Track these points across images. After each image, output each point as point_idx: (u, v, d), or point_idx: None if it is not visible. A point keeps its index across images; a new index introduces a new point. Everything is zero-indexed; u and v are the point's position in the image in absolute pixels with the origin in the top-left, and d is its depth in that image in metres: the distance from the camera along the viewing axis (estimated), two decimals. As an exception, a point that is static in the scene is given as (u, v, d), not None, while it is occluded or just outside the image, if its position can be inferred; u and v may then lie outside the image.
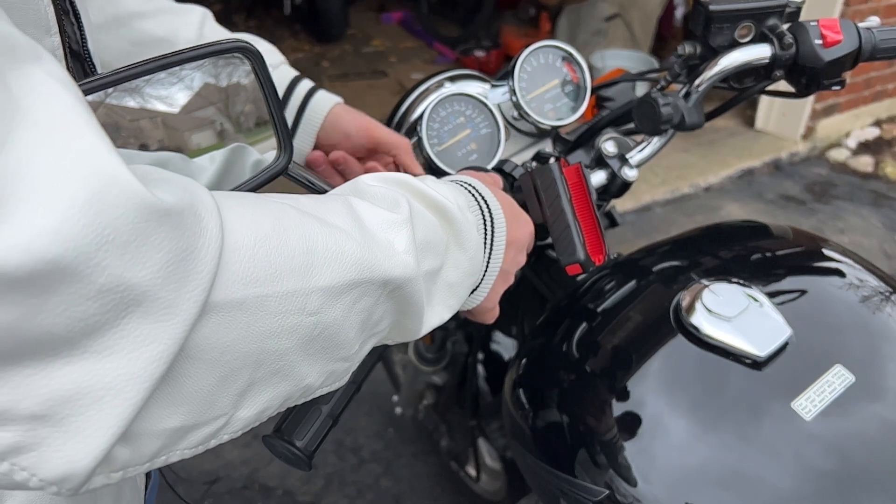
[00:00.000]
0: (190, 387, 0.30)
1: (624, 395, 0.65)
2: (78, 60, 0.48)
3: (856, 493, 0.55)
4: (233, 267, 0.30)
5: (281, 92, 0.79)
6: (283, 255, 0.32)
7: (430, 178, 0.51)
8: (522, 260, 0.60)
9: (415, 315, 0.44)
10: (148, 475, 0.63)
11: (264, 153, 0.49)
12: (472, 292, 0.54)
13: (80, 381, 0.25)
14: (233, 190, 0.46)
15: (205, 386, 0.31)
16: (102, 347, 0.25)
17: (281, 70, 0.80)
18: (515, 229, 0.57)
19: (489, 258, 0.54)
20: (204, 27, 0.76)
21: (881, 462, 0.57)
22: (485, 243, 0.53)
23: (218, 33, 0.77)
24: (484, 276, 0.54)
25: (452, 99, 0.87)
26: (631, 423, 0.63)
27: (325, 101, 0.81)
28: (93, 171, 0.23)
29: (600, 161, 0.80)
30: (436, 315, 0.47)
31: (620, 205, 2.68)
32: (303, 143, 0.82)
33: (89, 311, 0.24)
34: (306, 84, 0.81)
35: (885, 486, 0.55)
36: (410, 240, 0.41)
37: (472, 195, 0.54)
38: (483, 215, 0.53)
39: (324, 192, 0.66)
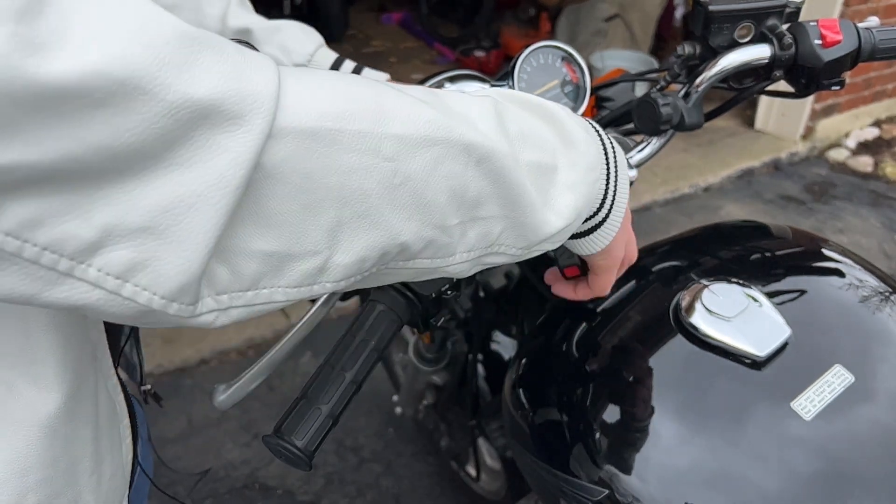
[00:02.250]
0: (274, 207, 0.32)
1: (623, 395, 0.65)
2: None
3: (854, 493, 0.55)
4: (303, 99, 0.32)
5: None
6: (353, 100, 0.35)
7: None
8: (632, 259, 0.61)
9: (526, 208, 0.44)
10: (133, 471, 0.62)
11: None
12: (597, 228, 0.53)
13: (171, 191, 0.28)
14: None
15: (289, 209, 0.33)
16: (184, 159, 0.28)
17: (320, 53, 0.77)
18: (628, 218, 0.57)
19: (615, 190, 0.52)
20: (227, 16, 0.73)
21: (880, 461, 0.57)
22: (607, 183, 0.51)
23: (242, 20, 0.73)
24: (611, 210, 0.52)
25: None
26: (630, 423, 0.63)
27: None
28: (137, 6, 0.27)
29: (600, 161, 0.80)
30: (560, 216, 0.47)
31: (620, 205, 2.67)
32: None
33: (167, 126, 0.27)
34: (348, 66, 0.77)
35: (884, 486, 0.56)
36: (492, 120, 0.42)
37: (599, 135, 0.52)
38: (607, 153, 0.52)
39: None
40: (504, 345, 1.13)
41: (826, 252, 0.76)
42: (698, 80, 0.74)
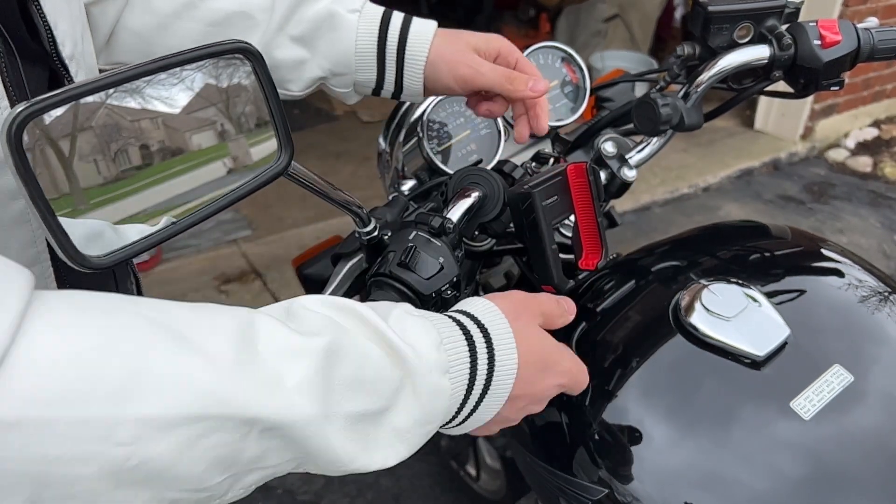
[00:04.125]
0: None
1: (623, 395, 0.65)
2: (43, 65, 0.46)
3: (852, 492, 0.55)
4: (15, 384, 0.27)
5: (375, 34, 0.70)
6: (93, 377, 0.29)
7: (402, 308, 0.45)
8: (538, 409, 0.53)
9: (327, 457, 0.38)
10: None
11: (265, 154, 0.49)
12: (447, 425, 0.48)
13: None
14: (233, 190, 0.46)
15: None
16: None
17: (368, 6, 0.71)
18: (535, 382, 0.50)
19: (476, 406, 0.47)
20: None
21: (879, 460, 0.57)
22: (470, 390, 0.46)
23: None
24: (466, 420, 0.48)
25: (452, 100, 0.87)
26: (630, 423, 0.63)
27: (422, 43, 0.70)
28: None
29: (599, 161, 0.80)
30: (376, 459, 0.41)
31: (620, 205, 2.68)
32: (412, 82, 0.73)
33: None
34: (397, 18, 0.71)
35: (882, 485, 0.56)
36: (313, 374, 0.36)
37: (465, 332, 0.46)
38: (475, 359, 0.46)
39: (322, 192, 0.65)
40: (504, 345, 1.12)
41: (825, 252, 0.77)
42: (698, 81, 0.74)
